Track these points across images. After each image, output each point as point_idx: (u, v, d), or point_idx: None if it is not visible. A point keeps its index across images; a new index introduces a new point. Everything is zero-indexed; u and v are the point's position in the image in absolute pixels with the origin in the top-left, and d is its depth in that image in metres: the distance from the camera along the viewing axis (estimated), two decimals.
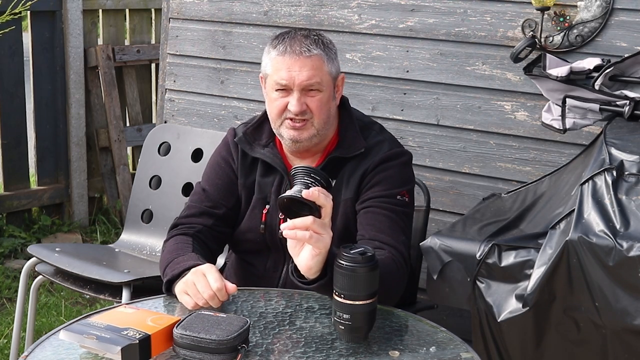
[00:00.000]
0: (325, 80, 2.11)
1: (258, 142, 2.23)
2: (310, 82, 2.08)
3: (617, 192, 1.91)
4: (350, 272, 1.67)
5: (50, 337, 1.73)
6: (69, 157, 4.72)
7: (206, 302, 1.85)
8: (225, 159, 2.27)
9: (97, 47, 4.72)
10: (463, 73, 3.05)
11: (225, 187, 2.24)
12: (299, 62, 2.07)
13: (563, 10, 2.82)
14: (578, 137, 2.84)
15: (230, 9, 3.51)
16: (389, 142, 2.20)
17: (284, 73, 2.08)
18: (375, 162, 2.14)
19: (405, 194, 2.13)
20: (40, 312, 3.70)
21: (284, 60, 2.08)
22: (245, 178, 2.23)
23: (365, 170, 2.14)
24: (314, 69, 2.08)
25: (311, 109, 2.10)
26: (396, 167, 2.15)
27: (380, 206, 2.09)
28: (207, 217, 2.21)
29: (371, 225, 2.07)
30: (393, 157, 2.16)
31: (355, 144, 2.17)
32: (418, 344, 1.74)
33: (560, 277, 1.91)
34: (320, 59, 2.10)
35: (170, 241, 2.16)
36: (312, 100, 2.09)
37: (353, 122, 2.21)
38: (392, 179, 2.13)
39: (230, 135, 2.29)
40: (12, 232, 4.42)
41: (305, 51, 2.08)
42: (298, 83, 2.07)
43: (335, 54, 2.17)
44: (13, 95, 4.42)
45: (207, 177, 2.29)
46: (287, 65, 2.08)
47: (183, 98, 3.69)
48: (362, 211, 2.10)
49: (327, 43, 2.14)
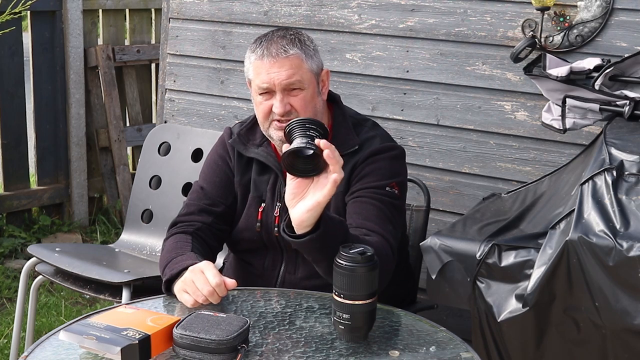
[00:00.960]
0: (307, 78, 2.12)
1: (252, 142, 2.25)
2: (291, 81, 2.09)
3: (617, 192, 1.91)
4: (349, 272, 1.67)
5: (50, 337, 1.73)
6: (69, 157, 4.71)
7: (206, 299, 1.86)
8: (222, 157, 2.27)
9: (97, 47, 4.72)
10: (463, 73, 3.05)
11: (223, 184, 2.25)
12: (277, 64, 2.08)
13: (563, 10, 2.82)
14: (578, 137, 2.83)
15: (230, 9, 3.51)
16: (380, 138, 2.22)
17: (264, 76, 2.09)
18: (365, 155, 2.15)
19: (394, 186, 2.14)
20: (40, 312, 3.70)
21: (262, 64, 2.10)
22: (241, 176, 2.24)
23: (355, 163, 2.15)
24: (292, 67, 2.09)
25: (296, 108, 2.10)
26: (386, 159, 2.16)
27: (368, 196, 2.10)
28: (206, 214, 2.21)
29: (358, 213, 2.08)
30: (383, 150, 2.17)
31: (349, 141, 2.18)
32: (418, 343, 1.74)
33: (560, 277, 1.91)
34: (298, 57, 2.10)
35: (169, 240, 2.17)
36: (295, 100, 2.10)
37: (346, 119, 2.23)
38: (381, 170, 2.14)
39: (227, 134, 2.30)
40: (12, 232, 4.42)
41: (282, 52, 2.09)
42: (278, 84, 2.08)
43: (315, 50, 2.17)
44: (13, 95, 4.41)
45: (204, 175, 2.29)
46: (266, 68, 2.09)
47: (183, 98, 3.69)
48: (351, 201, 2.11)
49: (303, 40, 2.15)
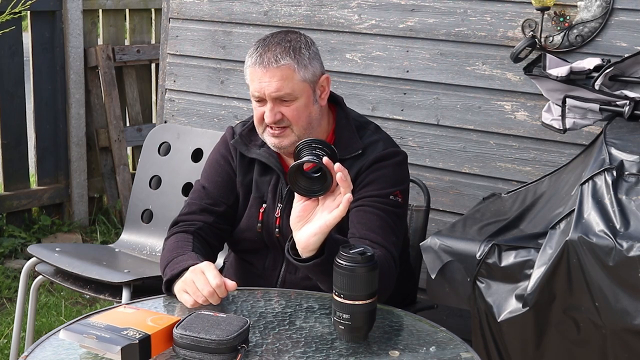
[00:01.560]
0: (298, 89, 2.08)
1: (254, 142, 2.23)
2: (280, 94, 2.07)
3: (617, 192, 1.91)
4: (349, 272, 1.67)
5: (50, 337, 1.73)
6: (69, 157, 4.71)
7: (206, 299, 1.86)
8: (225, 156, 2.27)
9: (97, 47, 4.72)
10: (463, 73, 3.05)
11: (224, 184, 2.24)
12: (268, 74, 2.06)
13: (563, 10, 2.82)
14: (578, 137, 2.83)
15: (230, 9, 3.51)
16: (383, 142, 2.20)
17: (256, 84, 2.08)
18: (369, 162, 2.13)
19: (398, 194, 2.13)
20: (40, 312, 3.70)
21: (255, 71, 2.08)
22: (243, 176, 2.23)
23: (359, 169, 2.13)
24: (282, 79, 2.05)
25: (287, 117, 2.09)
26: (390, 166, 2.14)
27: (372, 205, 2.09)
28: (207, 214, 2.21)
29: (362, 223, 2.07)
30: (387, 157, 2.15)
31: (352, 145, 2.16)
32: (418, 344, 1.74)
33: (560, 277, 1.91)
34: (289, 68, 2.06)
35: (170, 239, 2.16)
36: (287, 110, 2.09)
37: (349, 123, 2.20)
38: (386, 178, 2.12)
39: (229, 133, 2.29)
40: (12, 232, 4.42)
41: (273, 62, 2.05)
42: (268, 94, 2.07)
43: (312, 57, 2.11)
44: (13, 95, 4.41)
45: (206, 174, 2.29)
46: (258, 76, 2.08)
47: (183, 98, 3.69)
48: (354, 209, 2.09)
49: (299, 49, 2.09)
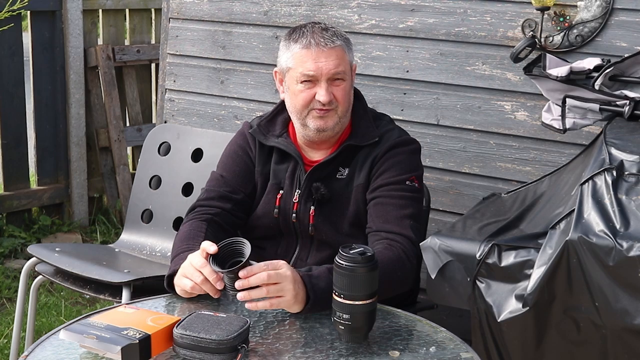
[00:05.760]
0: (348, 70, 2.20)
1: (272, 132, 2.29)
2: (338, 71, 2.15)
3: (617, 192, 1.91)
4: (349, 272, 1.68)
5: (50, 337, 1.73)
6: (69, 157, 4.71)
7: (204, 279, 1.86)
8: (243, 147, 2.32)
9: (97, 47, 4.72)
10: (463, 73, 3.05)
11: (242, 174, 2.29)
12: (324, 54, 2.14)
13: (563, 10, 2.82)
14: (578, 137, 2.83)
15: (230, 9, 3.51)
16: (398, 130, 2.28)
17: (310, 64, 2.13)
18: (384, 149, 2.20)
19: (414, 179, 2.20)
20: (40, 312, 3.70)
21: (309, 52, 2.14)
22: (262, 166, 2.29)
23: (375, 157, 2.20)
24: (338, 58, 2.16)
25: (337, 98, 2.17)
26: (405, 153, 2.22)
27: (388, 195, 2.15)
28: (225, 200, 2.26)
29: (379, 216, 2.14)
30: (402, 144, 2.23)
31: (370, 132, 2.24)
32: (418, 344, 1.74)
33: (560, 277, 1.91)
34: (342, 49, 2.18)
35: (185, 226, 2.20)
36: (337, 90, 2.17)
37: (367, 112, 2.29)
38: (401, 164, 2.19)
39: (246, 127, 2.35)
40: (12, 232, 4.42)
41: (330, 42, 2.15)
42: (325, 73, 2.14)
43: (352, 44, 2.25)
44: (13, 95, 4.41)
45: (223, 164, 2.33)
46: (313, 57, 2.14)
47: (183, 98, 3.69)
48: (372, 202, 2.17)
49: (344, 34, 2.23)
